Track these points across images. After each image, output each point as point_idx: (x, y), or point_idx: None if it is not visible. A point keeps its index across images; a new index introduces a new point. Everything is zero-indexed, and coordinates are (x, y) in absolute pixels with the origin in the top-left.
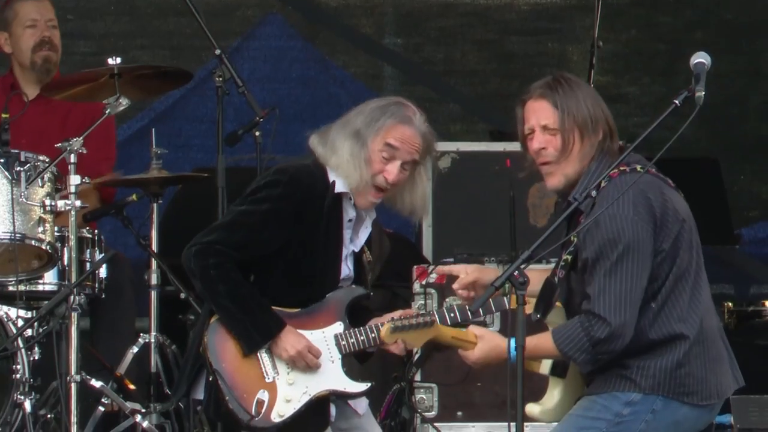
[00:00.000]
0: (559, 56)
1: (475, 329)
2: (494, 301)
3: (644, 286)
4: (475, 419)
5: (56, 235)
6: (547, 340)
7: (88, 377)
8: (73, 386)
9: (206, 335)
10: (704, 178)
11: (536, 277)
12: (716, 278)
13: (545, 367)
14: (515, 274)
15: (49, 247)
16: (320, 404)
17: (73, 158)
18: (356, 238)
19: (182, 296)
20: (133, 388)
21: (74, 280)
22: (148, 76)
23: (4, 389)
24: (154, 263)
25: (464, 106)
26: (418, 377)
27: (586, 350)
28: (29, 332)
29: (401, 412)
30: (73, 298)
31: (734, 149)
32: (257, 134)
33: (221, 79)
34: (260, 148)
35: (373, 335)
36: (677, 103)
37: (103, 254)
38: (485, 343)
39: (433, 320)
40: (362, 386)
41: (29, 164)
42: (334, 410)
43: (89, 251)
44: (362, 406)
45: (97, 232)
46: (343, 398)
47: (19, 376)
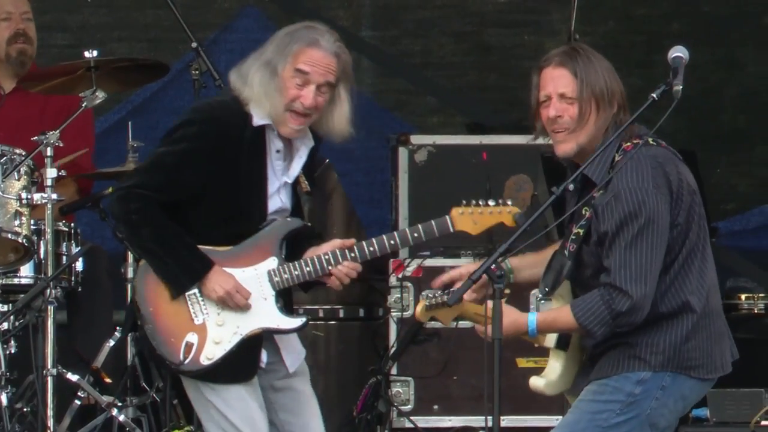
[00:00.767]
0: (536, 48)
1: None
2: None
3: (662, 258)
4: (451, 413)
5: (33, 228)
6: (566, 313)
7: (64, 370)
8: (49, 379)
9: (135, 280)
10: None
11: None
12: None
13: (550, 340)
14: (492, 267)
15: (25, 240)
16: (252, 347)
17: (49, 151)
18: (290, 168)
19: None
20: (109, 381)
21: (51, 273)
22: (125, 68)
23: None
24: (130, 256)
25: (441, 98)
26: (394, 370)
27: (606, 323)
28: (5, 325)
29: (378, 405)
30: (49, 291)
31: (711, 141)
32: None
33: (198, 72)
34: None
35: (308, 269)
36: (655, 97)
37: (79, 247)
38: (504, 318)
39: (461, 297)
40: (296, 322)
41: (5, 157)
42: (265, 356)
43: (66, 244)
44: (294, 362)
45: (73, 225)
46: (278, 335)
47: None
